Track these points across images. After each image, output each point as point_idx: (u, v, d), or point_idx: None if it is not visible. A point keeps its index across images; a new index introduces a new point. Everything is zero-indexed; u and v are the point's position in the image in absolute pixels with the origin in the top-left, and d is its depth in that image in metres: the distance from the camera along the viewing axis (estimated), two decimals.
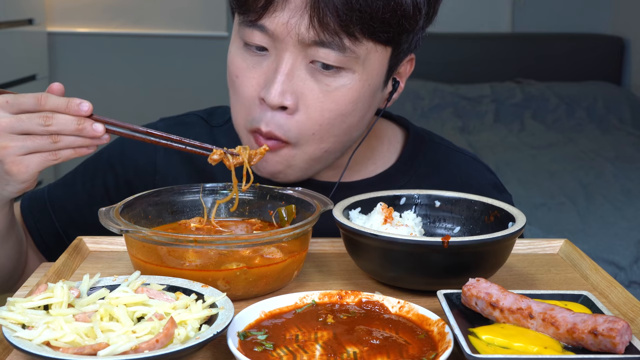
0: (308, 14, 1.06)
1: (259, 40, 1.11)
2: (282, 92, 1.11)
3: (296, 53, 1.10)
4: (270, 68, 1.12)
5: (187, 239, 0.98)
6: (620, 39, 4.90)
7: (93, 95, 4.57)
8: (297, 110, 1.13)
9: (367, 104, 1.17)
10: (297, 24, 1.07)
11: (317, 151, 1.18)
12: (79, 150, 1.04)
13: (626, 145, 4.09)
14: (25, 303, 0.85)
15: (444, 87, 4.61)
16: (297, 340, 0.82)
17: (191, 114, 1.43)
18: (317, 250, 1.19)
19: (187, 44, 4.67)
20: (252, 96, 1.14)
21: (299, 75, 1.11)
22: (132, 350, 0.77)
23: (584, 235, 2.92)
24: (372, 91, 1.16)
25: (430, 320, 0.86)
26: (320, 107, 1.13)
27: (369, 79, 1.14)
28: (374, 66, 1.14)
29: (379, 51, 1.13)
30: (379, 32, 1.09)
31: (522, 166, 3.67)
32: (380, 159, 1.34)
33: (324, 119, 1.14)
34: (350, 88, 1.13)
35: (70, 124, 1.01)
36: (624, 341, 0.79)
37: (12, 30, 3.96)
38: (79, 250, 1.15)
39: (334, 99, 1.13)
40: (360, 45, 1.09)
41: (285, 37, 1.09)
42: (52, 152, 1.03)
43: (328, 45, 1.08)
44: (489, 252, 1.00)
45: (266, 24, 1.09)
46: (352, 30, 1.07)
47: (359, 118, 1.18)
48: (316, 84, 1.12)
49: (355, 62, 1.11)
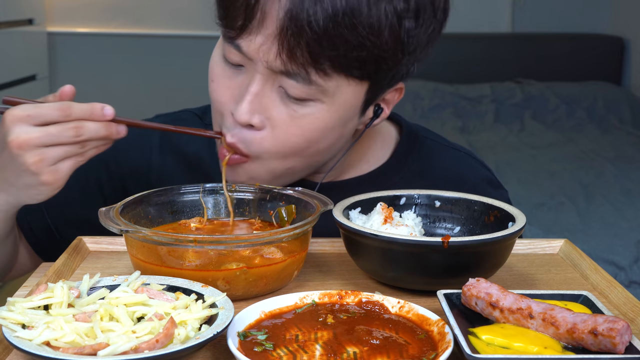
0: (278, 43, 1.04)
1: (234, 57, 1.11)
2: (250, 111, 1.10)
3: (266, 76, 1.09)
4: (243, 83, 1.12)
5: (187, 239, 0.98)
6: (620, 39, 4.90)
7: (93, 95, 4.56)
8: (263, 128, 1.12)
9: (338, 132, 1.15)
10: (267, 51, 1.06)
11: (279, 167, 1.17)
12: (101, 147, 1.08)
13: (626, 145, 4.09)
14: (25, 303, 0.85)
15: (444, 87, 4.61)
16: (297, 340, 0.82)
17: (186, 110, 1.44)
18: (317, 250, 1.19)
19: (187, 44, 4.68)
20: (224, 103, 1.14)
21: (268, 96, 1.10)
22: (132, 350, 0.77)
23: (584, 235, 2.92)
24: (343, 121, 1.14)
25: (430, 320, 0.86)
26: (286, 131, 1.11)
27: (339, 110, 1.11)
28: (346, 98, 1.11)
29: (352, 85, 1.09)
30: (353, 68, 1.06)
31: (522, 166, 3.67)
32: (373, 157, 1.33)
33: (289, 142, 1.13)
34: (317, 117, 1.11)
35: (99, 131, 1.04)
36: (624, 341, 0.79)
37: (12, 30, 3.96)
38: (79, 250, 1.15)
39: (300, 125, 1.11)
40: (329, 79, 1.07)
41: (257, 60, 1.08)
42: (80, 155, 1.06)
43: (293, 77, 1.06)
44: (489, 252, 1.00)
45: (241, 45, 1.08)
46: (322, 66, 1.05)
47: (327, 144, 1.16)
48: (284, 108, 1.10)
49: (322, 94, 1.08)
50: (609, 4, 5.07)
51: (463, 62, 4.79)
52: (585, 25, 5.03)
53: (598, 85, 4.70)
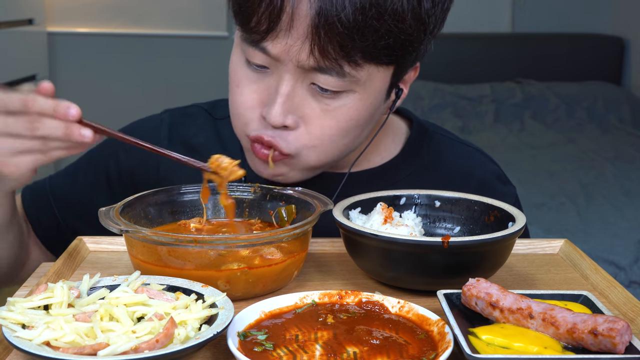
0: (310, 41, 1.05)
1: (260, 60, 1.11)
2: (283, 112, 1.11)
3: (296, 75, 1.09)
4: (271, 86, 1.12)
5: (187, 239, 0.98)
6: (620, 39, 4.90)
7: (93, 95, 4.59)
8: (298, 127, 1.13)
9: (369, 119, 1.17)
10: (298, 51, 1.06)
11: (316, 161, 1.18)
12: (71, 150, 1.02)
13: (626, 145, 4.09)
14: (25, 303, 0.85)
15: (444, 87, 4.61)
16: (297, 340, 0.82)
17: (195, 105, 1.44)
18: (317, 250, 1.19)
19: (187, 44, 4.68)
20: (252, 108, 1.15)
21: (299, 95, 1.11)
22: (132, 350, 0.77)
23: (584, 235, 2.92)
24: (373, 107, 1.16)
25: (430, 320, 0.86)
26: (321, 125, 1.13)
27: (370, 97, 1.13)
28: (376, 85, 1.13)
29: (381, 71, 1.12)
30: (382, 56, 1.09)
31: (522, 166, 3.67)
32: (384, 150, 1.34)
33: (325, 135, 1.14)
34: (350, 107, 1.13)
35: (57, 129, 0.98)
36: (624, 341, 0.79)
37: (12, 30, 3.96)
38: (79, 250, 1.15)
39: (334, 117, 1.13)
40: (361, 70, 1.09)
41: (287, 61, 1.08)
42: (42, 152, 1.01)
43: (327, 72, 1.08)
44: (489, 252, 1.00)
45: (268, 47, 1.08)
46: (354, 57, 1.07)
47: (360, 132, 1.18)
48: (317, 103, 1.12)
49: (355, 84, 1.10)
50: (609, 4, 5.07)
51: (463, 62, 4.78)
52: (585, 25, 5.03)
53: (598, 85, 4.70)
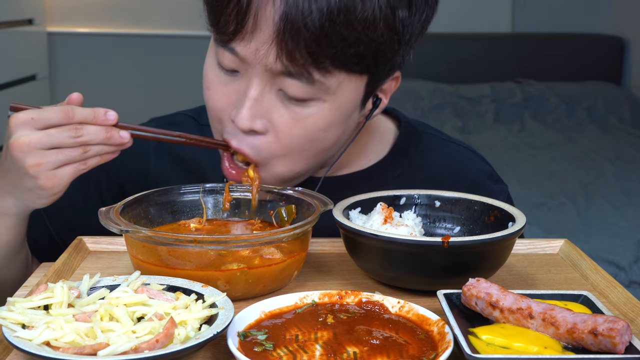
0: (276, 45, 1.03)
1: (229, 61, 1.09)
2: (251, 116, 1.09)
3: (265, 80, 1.08)
4: (241, 89, 1.10)
5: (187, 239, 0.98)
6: (620, 39, 4.90)
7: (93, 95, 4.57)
8: (266, 132, 1.12)
9: (340, 128, 1.15)
10: (265, 54, 1.04)
11: (286, 172, 1.17)
12: (105, 157, 1.07)
13: (626, 145, 4.09)
14: (25, 303, 0.85)
15: (444, 87, 4.61)
16: (297, 340, 0.82)
17: (180, 113, 1.43)
18: (317, 250, 1.19)
19: (187, 44, 4.67)
20: (223, 110, 1.14)
21: (268, 100, 1.09)
22: (132, 350, 0.77)
23: (584, 235, 2.92)
24: (345, 117, 1.13)
25: (430, 320, 0.86)
26: (290, 133, 1.11)
27: (340, 106, 1.11)
28: (347, 94, 1.10)
29: (352, 80, 1.09)
30: (352, 64, 1.06)
31: (522, 166, 3.67)
32: (372, 152, 1.32)
33: (294, 144, 1.12)
34: (320, 117, 1.10)
35: (99, 134, 1.03)
36: (624, 341, 0.79)
37: (12, 30, 3.96)
38: (79, 250, 1.15)
39: (303, 126, 1.10)
40: (331, 77, 1.06)
41: (254, 63, 1.06)
42: (82, 162, 1.05)
43: (296, 77, 1.05)
44: (489, 252, 1.00)
45: (236, 48, 1.07)
46: (323, 64, 1.04)
47: (331, 141, 1.16)
48: (285, 110, 1.10)
49: (325, 93, 1.08)
50: (609, 4, 5.07)
51: (463, 62, 4.78)
52: (585, 25, 5.03)
53: (598, 85, 4.70)
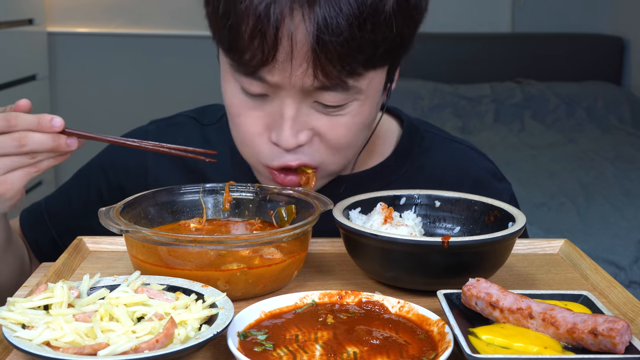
0: (312, 65, 1.03)
1: (257, 89, 1.09)
2: (293, 134, 1.11)
3: (299, 97, 1.09)
4: (275, 111, 1.11)
5: (187, 239, 0.98)
6: (620, 39, 4.90)
7: (93, 95, 4.60)
8: (312, 140, 1.14)
9: (374, 115, 1.19)
10: (301, 76, 1.05)
11: (338, 166, 1.20)
12: (58, 159, 1.05)
13: (626, 145, 4.09)
14: (25, 303, 0.85)
15: (444, 87, 4.61)
16: (297, 340, 0.82)
17: (181, 114, 1.43)
18: (317, 250, 1.19)
19: (187, 44, 4.67)
20: (260, 134, 1.14)
21: (304, 114, 1.11)
22: (132, 350, 0.77)
23: (584, 235, 2.92)
24: (376, 105, 1.18)
25: (430, 320, 0.86)
26: (334, 136, 1.14)
27: (372, 99, 1.14)
28: (376, 86, 1.14)
29: (379, 73, 1.12)
30: (379, 61, 1.09)
31: (522, 166, 3.67)
32: (377, 152, 1.34)
33: (340, 144, 1.15)
34: (357, 114, 1.13)
35: (44, 143, 1.02)
36: (624, 341, 0.79)
37: (12, 30, 3.96)
38: (79, 250, 1.15)
39: (344, 126, 1.13)
40: (362, 79, 1.09)
41: (288, 87, 1.07)
42: (32, 165, 1.04)
43: (332, 89, 1.08)
44: (489, 252, 1.00)
45: (266, 77, 1.06)
46: (356, 71, 1.07)
47: (369, 128, 1.20)
48: (324, 116, 1.12)
49: (358, 93, 1.11)
50: (609, 4, 5.06)
51: (463, 62, 4.78)
52: (585, 25, 5.03)
53: (598, 85, 4.70)
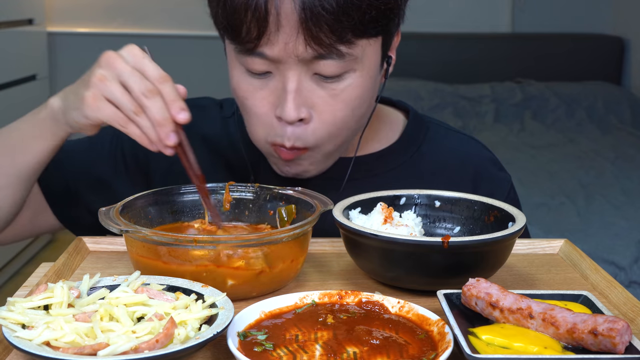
0: (302, 34, 1.09)
1: (260, 66, 1.14)
2: (296, 107, 1.14)
3: (299, 70, 1.13)
4: (278, 87, 1.15)
5: (187, 239, 0.98)
6: (620, 39, 4.90)
7: None
8: (311, 118, 1.17)
9: (372, 91, 1.22)
10: (294, 46, 1.10)
11: (333, 147, 1.22)
12: (143, 138, 1.03)
13: (626, 145, 4.09)
14: (25, 303, 0.85)
15: (444, 87, 4.60)
16: (297, 340, 0.82)
17: (207, 98, 1.47)
18: (317, 250, 1.19)
19: (187, 44, 4.67)
20: (267, 113, 1.18)
21: (306, 87, 1.15)
22: (132, 350, 0.77)
23: (584, 235, 2.92)
24: (373, 80, 1.20)
25: (430, 320, 0.86)
26: (332, 110, 1.17)
27: (369, 71, 1.18)
28: (371, 58, 1.17)
29: (372, 44, 1.16)
30: (370, 29, 1.13)
31: (522, 166, 3.67)
32: (383, 137, 1.39)
33: (337, 120, 1.18)
34: (355, 86, 1.16)
35: (159, 112, 1.01)
36: (624, 341, 0.79)
37: (12, 30, 3.96)
38: (79, 250, 1.15)
39: (342, 100, 1.17)
40: (355, 47, 1.13)
41: (286, 58, 1.12)
42: (124, 118, 1.04)
43: (327, 57, 1.12)
44: (489, 252, 1.00)
45: (265, 51, 1.12)
46: (347, 37, 1.11)
47: (367, 106, 1.23)
48: (323, 91, 1.16)
49: (354, 62, 1.14)
50: (609, 4, 5.06)
51: (463, 62, 4.78)
52: (585, 25, 5.02)
53: (598, 85, 4.69)
